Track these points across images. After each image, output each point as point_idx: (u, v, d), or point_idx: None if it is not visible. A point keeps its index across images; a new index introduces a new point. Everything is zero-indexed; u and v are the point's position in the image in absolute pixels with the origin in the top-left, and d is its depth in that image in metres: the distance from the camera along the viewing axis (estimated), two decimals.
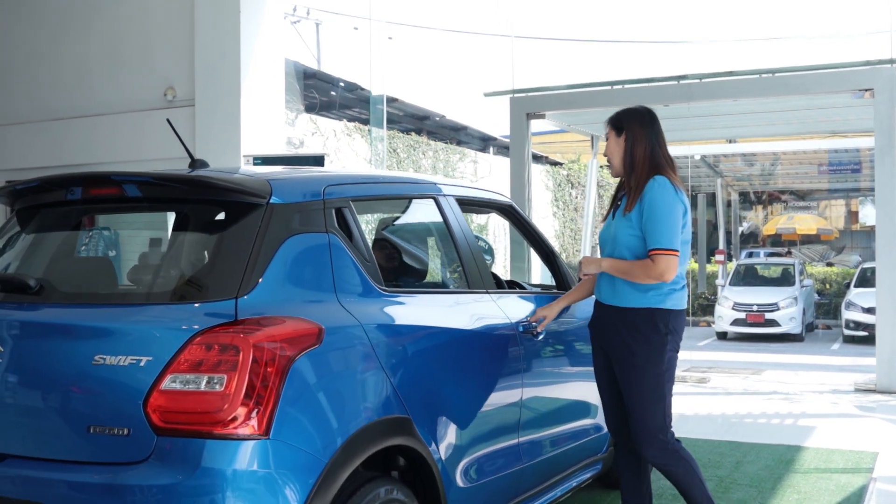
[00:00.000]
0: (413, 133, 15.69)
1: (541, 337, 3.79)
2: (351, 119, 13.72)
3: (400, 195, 3.63)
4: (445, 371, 3.17)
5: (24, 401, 2.63)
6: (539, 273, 12.21)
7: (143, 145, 8.42)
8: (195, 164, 3.20)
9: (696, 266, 19.11)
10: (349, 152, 12.74)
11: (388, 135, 12.93)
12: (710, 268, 19.36)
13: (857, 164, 21.39)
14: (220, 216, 2.81)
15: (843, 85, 8.86)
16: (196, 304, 2.56)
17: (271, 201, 2.75)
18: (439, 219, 3.57)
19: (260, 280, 2.61)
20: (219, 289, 2.57)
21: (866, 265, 16.62)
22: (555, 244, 18.62)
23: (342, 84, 14.20)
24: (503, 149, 19.60)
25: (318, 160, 8.01)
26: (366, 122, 13.21)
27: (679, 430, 3.82)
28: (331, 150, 12.04)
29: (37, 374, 2.60)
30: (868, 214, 27.67)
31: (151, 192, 2.87)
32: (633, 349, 3.48)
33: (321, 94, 13.87)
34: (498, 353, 3.54)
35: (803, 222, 26.33)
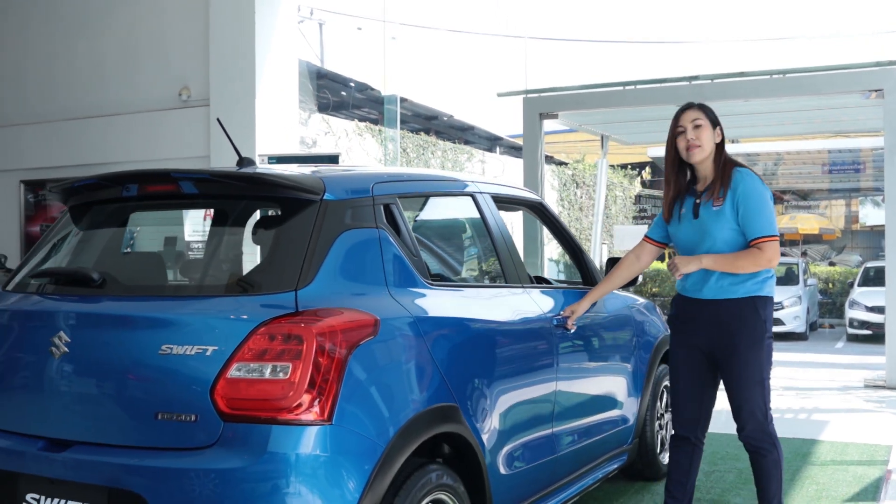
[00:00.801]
0: (422, 133, 15.80)
1: (573, 330, 3.89)
2: (361, 119, 13.83)
3: (441, 192, 3.73)
4: (487, 361, 3.27)
5: (91, 389, 2.72)
6: (545, 269, 12.30)
7: (158, 145, 8.49)
8: (243, 161, 3.29)
9: None
10: (360, 152, 12.85)
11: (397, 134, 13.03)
12: None
13: (858, 164, 21.52)
14: (276, 212, 2.91)
15: (853, 85, 8.95)
16: (257, 296, 2.66)
17: (325, 197, 2.85)
18: (477, 215, 3.68)
19: (317, 273, 2.70)
20: (278, 281, 2.67)
21: (870, 264, 16.75)
22: (556, 248, 18.73)
23: (352, 84, 14.30)
24: (510, 148, 19.70)
25: (332, 159, 8.10)
26: (375, 121, 13.31)
27: None
28: (342, 149, 12.13)
29: (104, 364, 2.69)
30: (868, 214, 27.80)
31: (208, 188, 2.96)
32: (735, 339, 3.53)
33: (332, 94, 13.97)
34: (534, 345, 3.64)
35: (805, 222, 26.45)
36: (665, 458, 5.09)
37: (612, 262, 4.41)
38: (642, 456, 4.79)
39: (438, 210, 4.01)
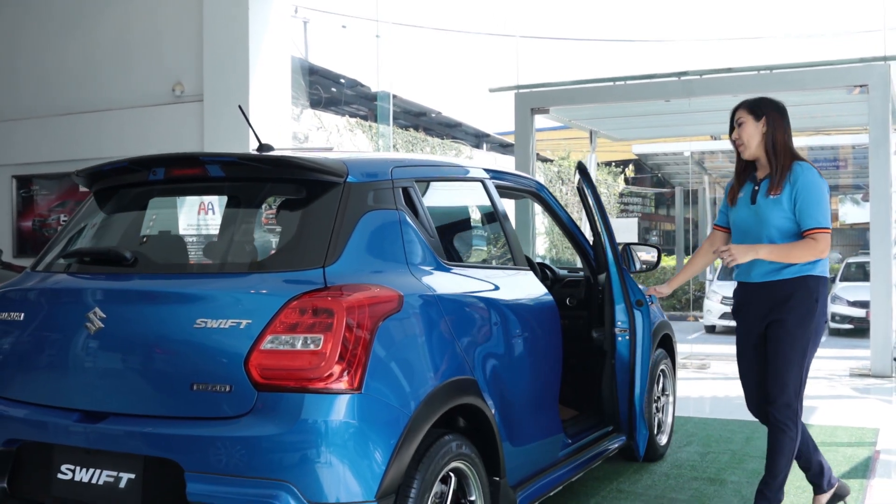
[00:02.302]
0: (411, 129, 15.93)
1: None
2: (352, 115, 13.93)
3: (454, 178, 3.85)
4: (500, 338, 3.41)
5: (126, 363, 2.82)
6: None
7: (152, 140, 8.50)
8: (263, 148, 3.39)
9: (674, 262, 19.51)
10: (351, 147, 12.95)
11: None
12: None
13: (838, 162, 21.82)
14: (301, 194, 3.01)
15: (839, 81, 9.15)
16: (286, 273, 2.77)
17: (348, 180, 2.97)
18: (487, 202, 3.81)
19: (343, 251, 2.82)
20: (307, 259, 2.78)
21: (851, 260, 17.02)
22: (545, 240, 18.92)
23: (343, 81, 14.40)
24: (496, 145, 19.84)
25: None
26: (365, 117, 13.38)
27: (688, 410, 4.02)
28: (334, 144, 12.22)
29: (139, 338, 2.79)
30: (848, 212, 28.13)
31: (235, 171, 3.07)
32: (784, 315, 3.67)
33: (323, 90, 14.06)
34: (542, 324, 3.77)
35: None
36: (662, 440, 5.25)
37: (627, 247, 4.58)
38: None
39: (452, 194, 4.13)
